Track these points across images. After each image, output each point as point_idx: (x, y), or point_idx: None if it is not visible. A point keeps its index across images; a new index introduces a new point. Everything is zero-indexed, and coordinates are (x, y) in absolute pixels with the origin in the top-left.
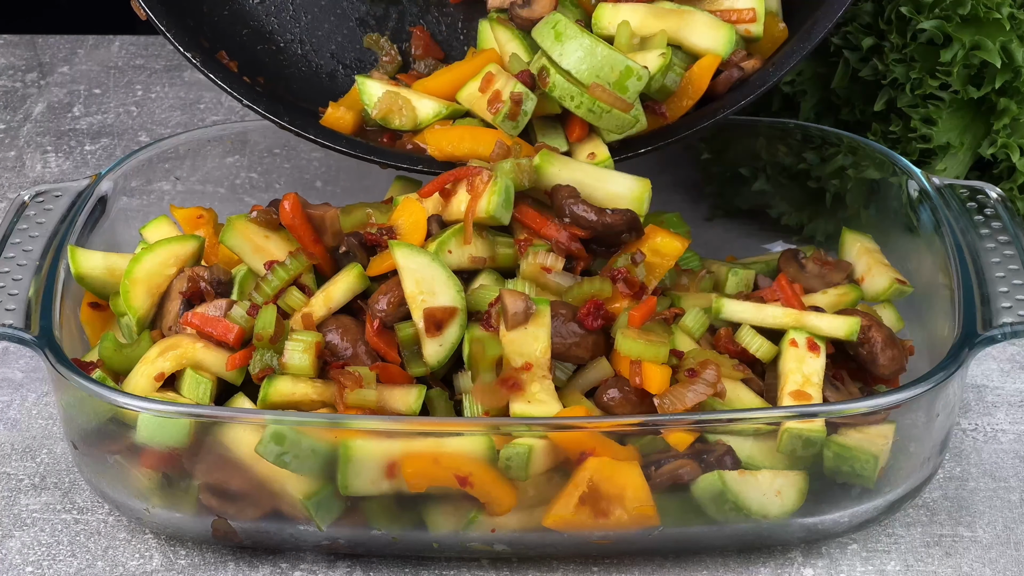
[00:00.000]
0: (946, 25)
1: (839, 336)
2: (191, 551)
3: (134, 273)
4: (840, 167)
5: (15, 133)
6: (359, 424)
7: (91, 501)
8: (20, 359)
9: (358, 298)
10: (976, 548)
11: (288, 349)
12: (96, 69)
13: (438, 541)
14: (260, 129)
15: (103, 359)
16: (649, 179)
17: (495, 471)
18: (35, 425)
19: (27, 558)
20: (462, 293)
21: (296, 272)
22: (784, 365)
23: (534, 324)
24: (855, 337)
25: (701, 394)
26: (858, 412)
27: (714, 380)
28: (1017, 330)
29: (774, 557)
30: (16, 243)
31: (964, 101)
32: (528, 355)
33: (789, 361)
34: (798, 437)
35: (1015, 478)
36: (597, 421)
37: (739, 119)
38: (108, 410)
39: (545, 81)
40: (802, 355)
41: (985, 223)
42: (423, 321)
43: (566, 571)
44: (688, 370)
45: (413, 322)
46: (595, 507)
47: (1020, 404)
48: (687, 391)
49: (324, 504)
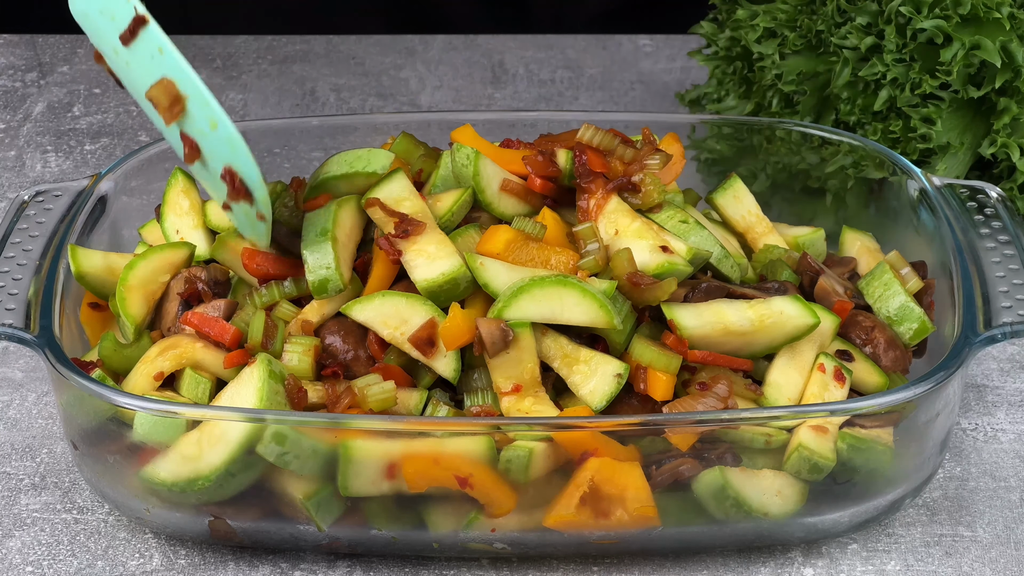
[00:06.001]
0: (946, 25)
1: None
2: (191, 551)
3: (129, 280)
4: (840, 167)
5: (15, 133)
6: (359, 424)
7: (91, 501)
8: (20, 359)
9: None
10: (976, 548)
11: (287, 352)
12: (96, 69)
13: (438, 541)
14: (260, 129)
15: (103, 359)
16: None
17: (495, 472)
18: (35, 425)
19: (27, 558)
20: (431, 304)
21: (291, 295)
22: (808, 388)
23: (516, 348)
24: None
25: (710, 407)
26: (858, 412)
27: (725, 395)
28: (1017, 330)
29: (774, 557)
30: (16, 243)
31: (964, 101)
32: (515, 378)
33: (812, 385)
34: (807, 460)
35: (1015, 478)
36: (598, 421)
37: (739, 119)
38: (108, 410)
39: None
40: (826, 382)
41: (985, 223)
42: (416, 350)
43: (566, 571)
44: (699, 383)
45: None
46: (596, 508)
47: (1020, 404)
48: (696, 403)
49: (324, 504)
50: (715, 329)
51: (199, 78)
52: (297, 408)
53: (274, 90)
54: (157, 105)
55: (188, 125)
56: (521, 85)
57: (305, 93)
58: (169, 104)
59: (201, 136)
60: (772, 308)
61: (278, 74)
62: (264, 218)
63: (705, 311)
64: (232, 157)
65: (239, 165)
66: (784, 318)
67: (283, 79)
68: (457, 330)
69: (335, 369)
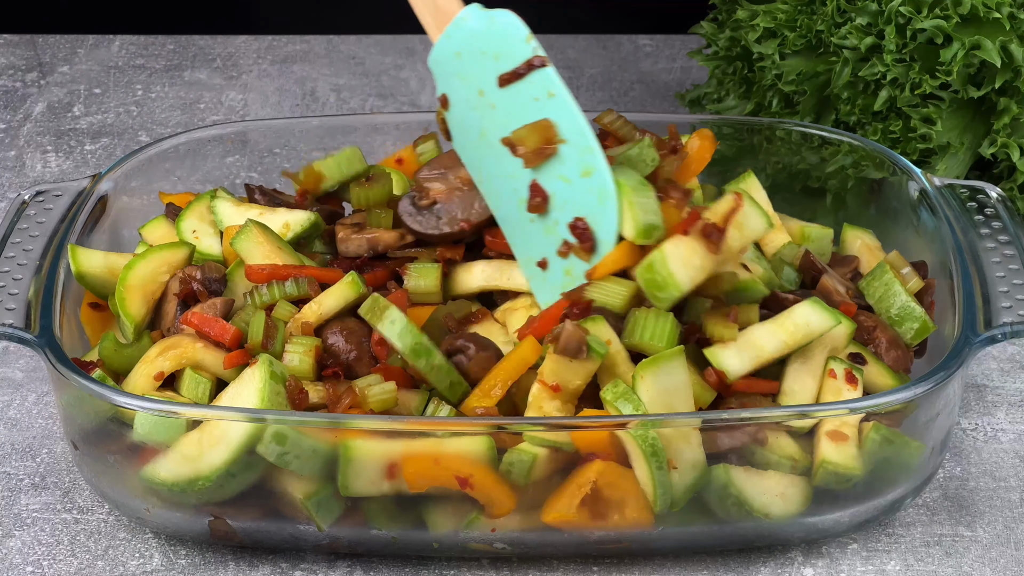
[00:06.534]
0: (946, 25)
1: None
2: (191, 551)
3: (128, 280)
4: (840, 167)
5: (15, 133)
6: (359, 424)
7: (91, 501)
8: (20, 359)
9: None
10: (976, 548)
11: (288, 352)
12: (96, 69)
13: (438, 541)
14: (260, 129)
15: (103, 359)
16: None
17: (496, 473)
18: (35, 425)
19: (27, 558)
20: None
21: (292, 296)
22: (822, 396)
23: (580, 363)
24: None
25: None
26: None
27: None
28: (1017, 330)
29: (774, 557)
30: (16, 243)
31: (964, 101)
32: (562, 381)
33: (826, 394)
34: (832, 474)
35: (1015, 478)
36: (598, 421)
37: (739, 119)
38: (108, 410)
39: None
40: (839, 387)
41: (985, 223)
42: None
43: (566, 571)
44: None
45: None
46: (595, 509)
47: (1020, 404)
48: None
49: (324, 504)
50: (756, 364)
51: (588, 125)
52: (298, 409)
53: (274, 90)
54: (519, 146)
55: (548, 171)
56: None
57: (305, 93)
58: (538, 147)
59: (562, 183)
60: (798, 321)
61: (278, 74)
62: (589, 278)
63: (745, 349)
64: (595, 209)
65: (600, 218)
66: (812, 330)
67: (283, 79)
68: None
69: (336, 369)
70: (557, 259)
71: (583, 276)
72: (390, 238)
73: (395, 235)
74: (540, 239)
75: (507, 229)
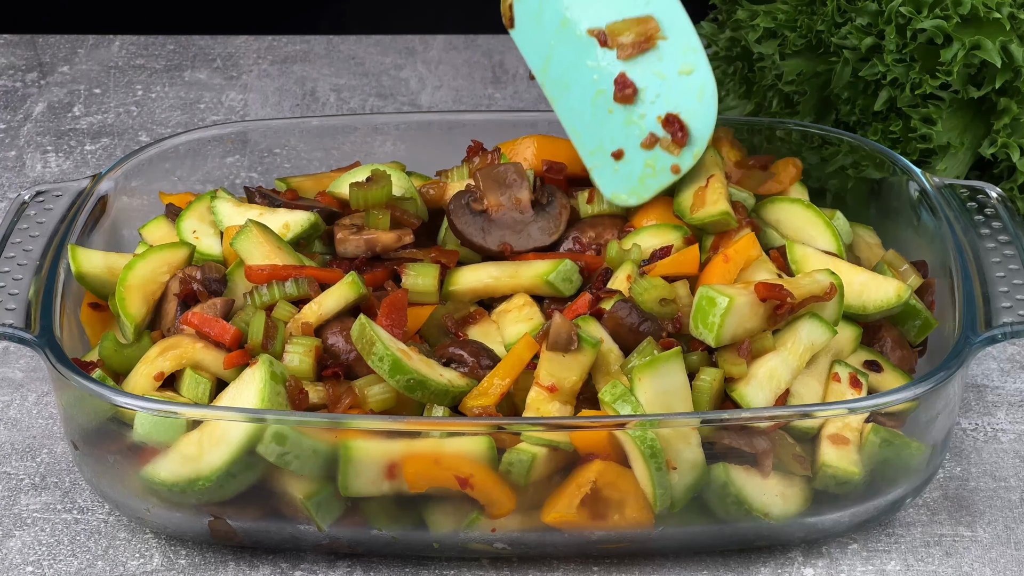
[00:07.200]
0: (946, 25)
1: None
2: (191, 551)
3: (128, 280)
4: (840, 167)
5: (15, 133)
6: (359, 424)
7: (91, 501)
8: (20, 359)
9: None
10: (976, 548)
11: (288, 353)
12: (96, 69)
13: (438, 541)
14: (260, 129)
15: (103, 359)
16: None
17: (496, 473)
18: (35, 425)
19: (27, 558)
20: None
21: (292, 296)
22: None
23: (572, 357)
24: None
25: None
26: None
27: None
28: (1017, 330)
29: (774, 557)
30: (16, 243)
31: (964, 101)
32: (557, 379)
33: (831, 398)
34: (832, 477)
35: (1015, 478)
36: (597, 421)
37: (739, 119)
38: (108, 410)
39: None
40: (843, 391)
41: (985, 223)
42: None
43: (566, 571)
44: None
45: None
46: (595, 509)
47: (1020, 404)
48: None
49: (324, 504)
50: (777, 393)
51: (693, 27)
52: (298, 409)
53: (274, 90)
54: (615, 38)
55: (642, 66)
56: (521, 85)
57: (305, 93)
58: (637, 40)
59: (655, 78)
60: (802, 339)
61: (278, 74)
62: (679, 171)
63: (766, 381)
64: (693, 105)
65: (697, 114)
66: (816, 347)
67: (283, 79)
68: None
69: (336, 370)
70: (638, 151)
71: (669, 170)
72: (388, 239)
73: (393, 236)
74: (618, 130)
75: (571, 119)
